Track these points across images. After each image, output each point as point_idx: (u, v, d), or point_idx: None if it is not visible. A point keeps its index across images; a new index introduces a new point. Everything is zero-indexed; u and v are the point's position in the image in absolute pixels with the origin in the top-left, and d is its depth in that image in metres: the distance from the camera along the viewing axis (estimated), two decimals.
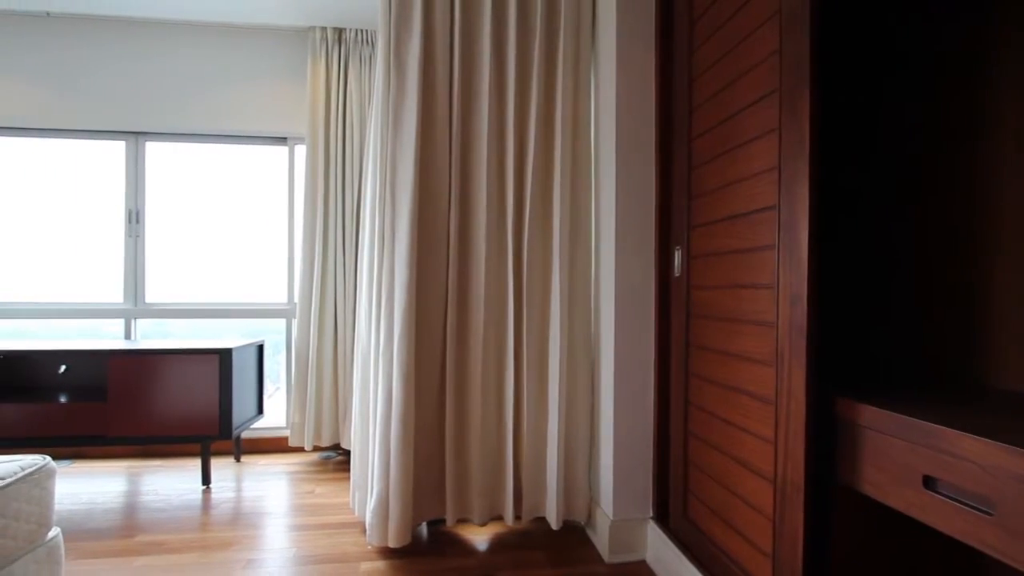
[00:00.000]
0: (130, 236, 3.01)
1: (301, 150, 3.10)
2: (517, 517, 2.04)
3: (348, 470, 2.78)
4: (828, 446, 1.09)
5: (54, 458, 2.92)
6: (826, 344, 1.46)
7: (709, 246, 1.53)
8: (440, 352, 1.97)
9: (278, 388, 3.45)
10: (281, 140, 3.09)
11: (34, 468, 1.32)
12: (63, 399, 2.57)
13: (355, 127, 2.86)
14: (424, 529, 2.10)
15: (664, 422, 1.82)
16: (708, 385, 1.52)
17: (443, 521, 2.12)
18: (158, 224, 3.07)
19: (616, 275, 1.85)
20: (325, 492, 2.50)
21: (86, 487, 2.55)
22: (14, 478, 1.26)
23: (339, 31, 2.88)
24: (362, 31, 2.88)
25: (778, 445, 1.18)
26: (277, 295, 3.14)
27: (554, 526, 1.97)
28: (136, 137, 3.02)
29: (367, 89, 2.87)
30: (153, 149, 3.05)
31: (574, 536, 2.06)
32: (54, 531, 1.40)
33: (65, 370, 2.83)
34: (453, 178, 1.95)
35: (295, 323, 3.02)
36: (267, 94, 3.00)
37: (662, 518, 1.83)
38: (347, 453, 3.00)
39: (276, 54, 3.00)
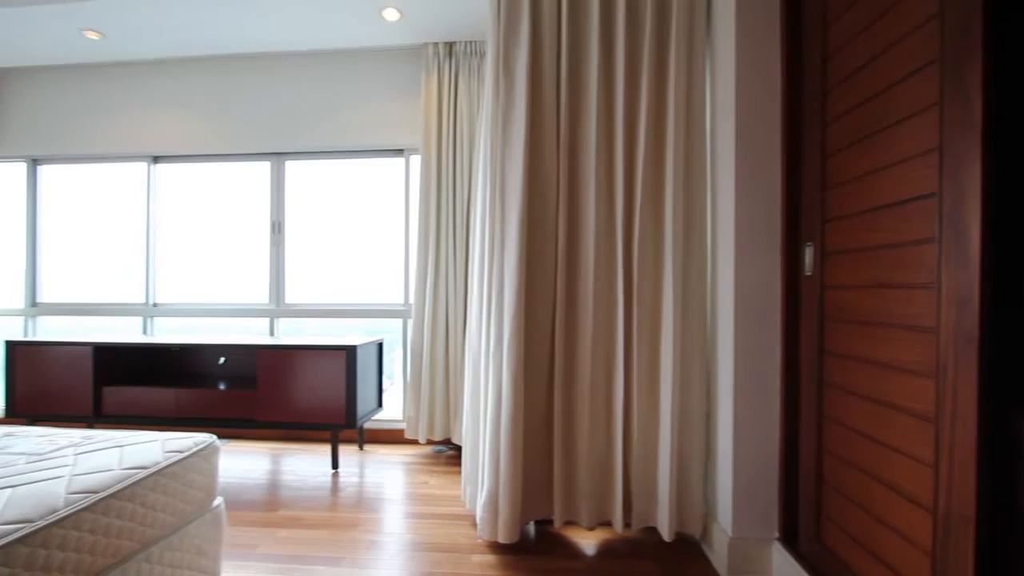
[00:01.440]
0: (273, 245, 3.41)
1: (416, 160, 3.29)
2: (626, 524, 1.99)
3: (459, 464, 2.89)
4: (1005, 474, 0.93)
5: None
6: (1001, 354, 1.24)
7: (848, 241, 1.37)
8: (548, 354, 1.98)
9: (392, 383, 3.69)
10: (398, 152, 3.31)
11: (204, 445, 1.54)
12: (222, 386, 2.97)
13: (465, 136, 2.98)
14: (532, 528, 2.12)
15: (792, 435, 1.66)
16: (848, 397, 1.37)
17: (551, 521, 2.12)
18: (295, 233, 3.44)
19: (736, 275, 1.72)
20: (437, 484, 2.62)
21: (239, 464, 2.92)
22: (189, 452, 1.48)
23: (449, 45, 3.03)
24: (471, 43, 3.00)
25: (940, 470, 1.02)
26: (394, 297, 3.37)
27: (666, 537, 1.88)
28: (278, 157, 3.41)
29: (476, 99, 2.98)
30: (291, 167, 3.43)
31: (688, 550, 1.95)
32: (218, 500, 1.62)
33: (224, 361, 3.27)
34: (561, 181, 1.95)
35: (410, 323, 3.22)
36: (385, 110, 3.23)
37: (789, 540, 1.67)
38: (457, 448, 3.13)
39: (393, 72, 3.22)
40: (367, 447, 3.21)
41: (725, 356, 1.80)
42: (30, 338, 2.99)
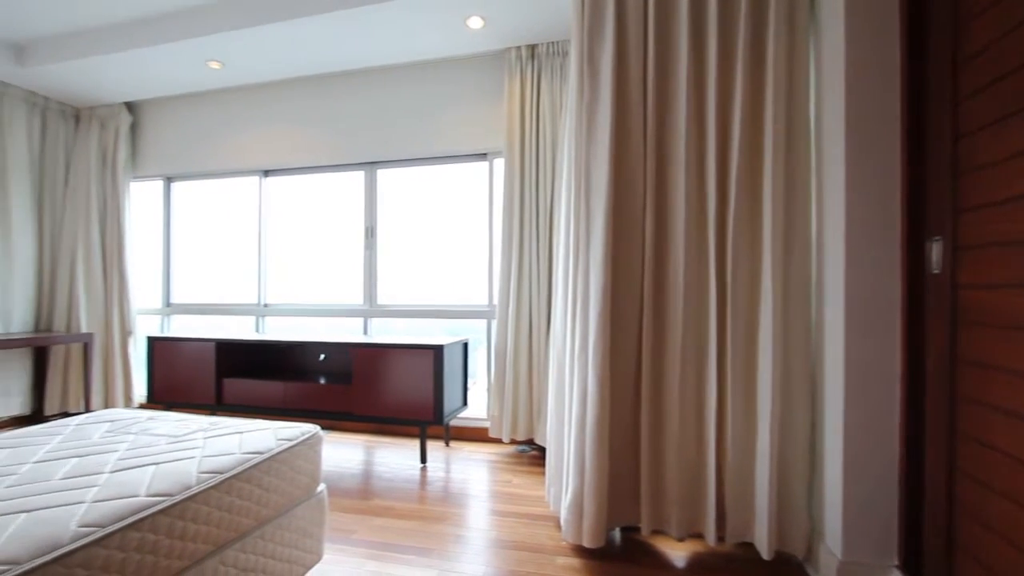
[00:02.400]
0: (367, 249, 3.62)
1: (499, 163, 3.35)
2: (720, 538, 1.88)
3: (542, 464, 2.90)
4: None
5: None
6: None
7: (988, 234, 1.20)
8: (635, 356, 1.93)
9: (474, 383, 3.76)
10: (482, 156, 3.39)
11: (309, 435, 1.66)
12: (322, 381, 3.19)
13: (547, 137, 2.99)
14: (617, 534, 2.07)
15: (916, 452, 1.49)
16: (992, 413, 1.20)
17: (638, 529, 2.06)
18: (387, 237, 3.63)
19: (847, 274, 1.58)
20: (521, 483, 2.64)
21: (337, 454, 3.12)
22: (297, 441, 1.61)
23: (532, 47, 3.05)
24: (553, 44, 3.00)
25: None
26: (479, 298, 3.44)
27: (765, 555, 1.76)
28: (371, 166, 3.62)
29: (559, 100, 2.97)
30: (383, 175, 3.62)
31: (789, 571, 1.81)
32: (321, 486, 1.75)
33: (324, 358, 3.52)
34: (648, 179, 1.89)
35: (494, 324, 3.27)
36: (469, 116, 3.32)
37: (912, 569, 1.50)
38: (541, 449, 3.13)
39: (476, 79, 3.30)
40: (452, 444, 3.31)
41: (833, 360, 1.65)
42: (165, 334, 3.41)
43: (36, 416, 3.91)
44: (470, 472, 2.81)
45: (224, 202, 4.08)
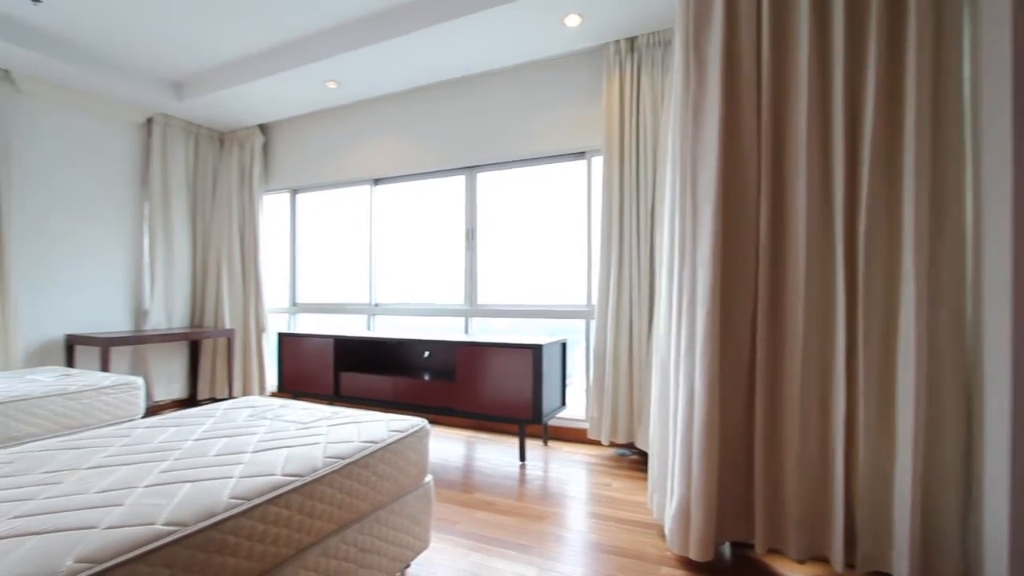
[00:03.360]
0: (468, 250, 3.75)
1: (597, 161, 3.30)
2: (849, 565, 1.70)
3: (643, 469, 2.81)
4: None
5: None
6: None
7: None
8: (748, 359, 1.80)
9: (571, 383, 3.73)
10: (580, 155, 3.37)
11: (418, 428, 1.76)
12: (426, 377, 3.36)
13: (648, 132, 2.89)
14: (727, 549, 1.95)
15: None
16: None
17: (751, 545, 1.92)
18: (486, 239, 3.73)
19: (1016, 267, 1.35)
20: (621, 488, 2.58)
21: (440, 447, 3.26)
22: (407, 433, 1.70)
23: (631, 40, 2.97)
24: (654, 34, 2.90)
25: None
26: (577, 297, 3.42)
27: None
28: (471, 171, 3.74)
29: (660, 92, 2.86)
30: (482, 178, 3.73)
31: None
32: (428, 477, 1.83)
33: (428, 355, 3.70)
34: (763, 172, 1.76)
35: (593, 324, 3.23)
36: (566, 115, 3.31)
37: None
38: (641, 453, 3.04)
39: (573, 77, 3.29)
40: (551, 443, 3.32)
41: (997, 367, 1.42)
42: (292, 331, 3.79)
43: (191, 400, 4.54)
44: (568, 473, 2.80)
45: (340, 210, 4.44)
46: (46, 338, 3.67)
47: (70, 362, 3.74)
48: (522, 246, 3.66)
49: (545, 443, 3.29)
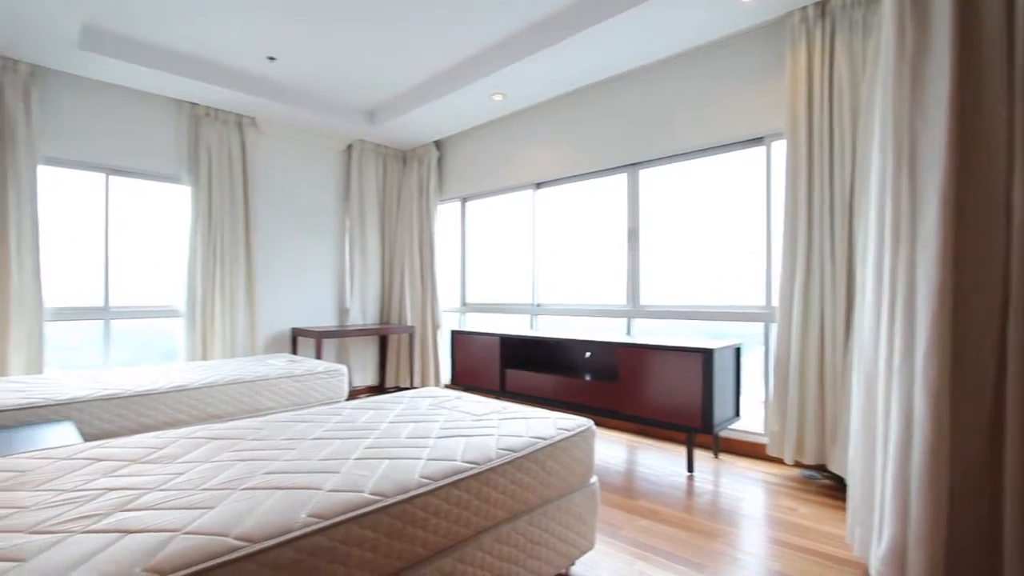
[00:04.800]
0: (630, 251, 3.66)
1: (778, 147, 2.97)
2: None
3: (837, 497, 2.44)
4: None
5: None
6: None
7: None
8: (993, 372, 1.45)
9: (746, 392, 3.40)
10: (756, 140, 3.06)
11: (584, 428, 1.76)
12: (588, 377, 3.36)
13: (844, 107, 2.50)
14: None
15: None
16: None
17: None
18: (649, 238, 3.60)
19: None
20: (809, 514, 2.27)
21: (601, 449, 3.23)
22: (574, 432, 1.72)
23: (821, 5, 2.60)
24: None
25: None
26: (753, 299, 3.11)
27: None
28: (633, 168, 3.65)
29: (861, 59, 2.46)
30: (645, 175, 3.61)
31: None
32: (594, 478, 1.83)
33: (589, 356, 3.70)
34: (1018, 138, 1.39)
35: (773, 328, 2.91)
36: (738, 99, 3.03)
37: None
38: (835, 477, 2.64)
39: (745, 57, 3.00)
40: (722, 456, 3.07)
41: None
42: (463, 329, 4.11)
43: (380, 387, 5.19)
44: (744, 490, 2.56)
45: (504, 215, 4.68)
46: (278, 331, 4.52)
47: (294, 350, 4.55)
48: (689, 244, 3.45)
49: (716, 455, 3.05)
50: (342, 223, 4.98)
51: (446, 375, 4.96)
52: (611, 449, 3.24)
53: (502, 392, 3.73)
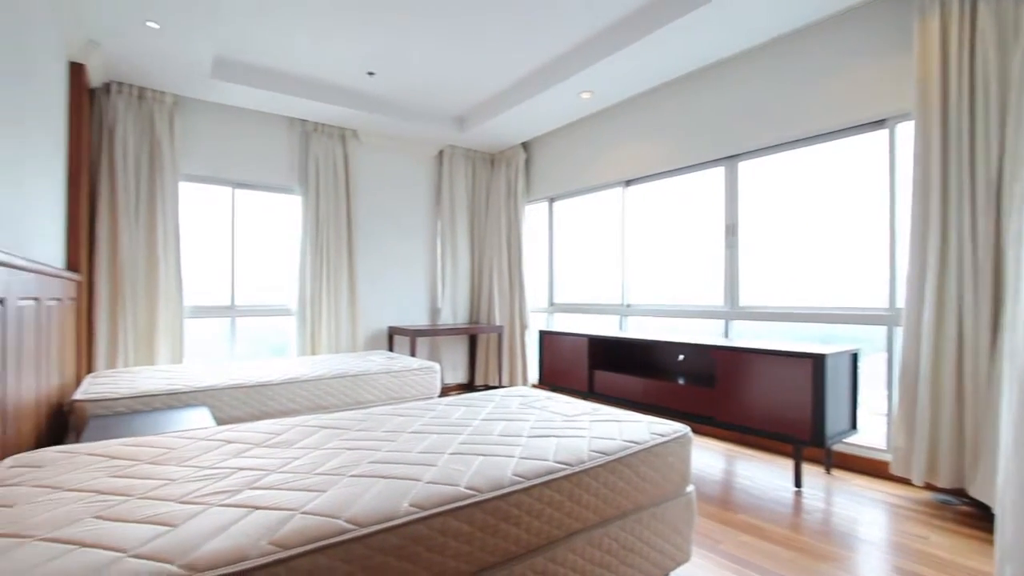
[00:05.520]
0: (728, 247, 3.46)
1: (904, 129, 2.66)
2: None
3: (980, 527, 2.13)
4: None
5: None
6: None
7: None
8: None
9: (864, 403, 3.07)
10: (877, 124, 2.76)
11: (680, 434, 1.69)
12: (680, 381, 3.21)
13: (991, 78, 2.17)
14: None
15: None
16: None
17: None
18: (750, 233, 3.38)
19: None
20: (944, 544, 2.01)
21: (696, 458, 3.07)
22: (669, 437, 1.65)
23: None
24: None
25: None
26: (872, 300, 2.81)
27: None
28: (730, 160, 3.44)
29: (1011, 28, 2.13)
30: (744, 167, 3.39)
31: None
32: (690, 487, 1.74)
33: (682, 359, 3.54)
34: None
35: (898, 332, 2.61)
36: (856, 79, 2.75)
37: None
38: (978, 505, 2.31)
39: (863, 31, 2.71)
40: (835, 472, 2.80)
41: None
42: (550, 329, 4.11)
43: (470, 384, 5.33)
44: (862, 512, 2.31)
45: (592, 214, 4.62)
46: (376, 329, 4.81)
47: (391, 347, 4.81)
48: (795, 241, 3.19)
49: (827, 471, 2.79)
50: (434, 226, 5.19)
51: (533, 375, 4.99)
52: (707, 458, 3.07)
53: (590, 393, 3.68)
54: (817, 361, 2.43)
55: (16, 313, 1.67)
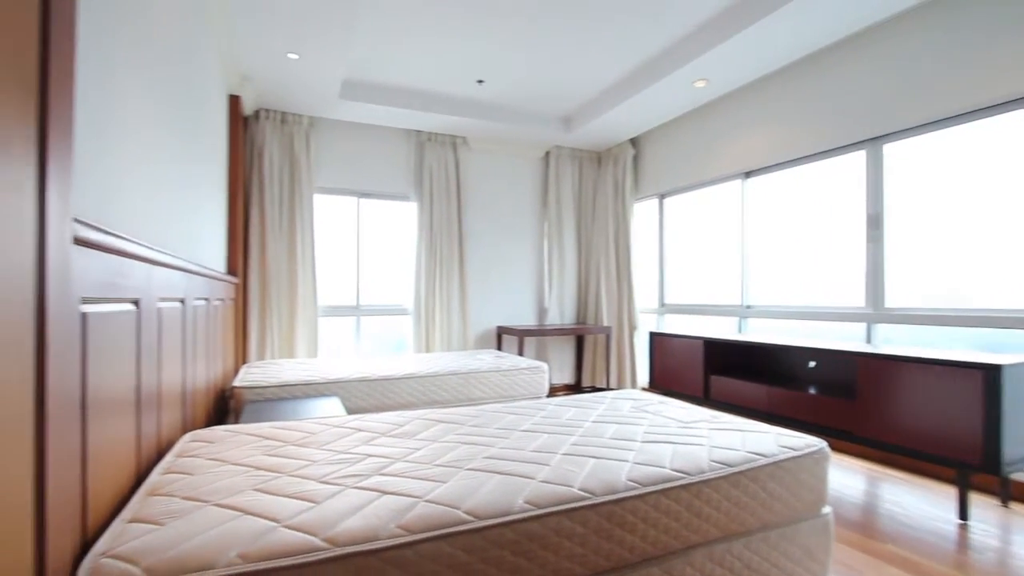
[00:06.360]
0: (871, 241, 3.06)
1: None
2: None
3: None
4: None
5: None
6: None
7: None
8: None
9: None
10: None
11: (815, 448, 1.53)
12: (812, 391, 2.91)
13: None
14: None
15: None
16: None
17: None
18: (898, 225, 2.97)
19: None
20: None
21: (832, 476, 2.76)
22: (801, 452, 1.50)
23: None
24: None
25: None
26: None
27: None
28: (873, 143, 3.05)
29: None
30: (890, 150, 2.99)
31: None
32: (827, 508, 1.57)
33: (814, 365, 3.21)
34: None
35: None
36: None
37: None
38: None
39: None
40: (1013, 506, 2.36)
41: None
42: (661, 330, 3.95)
43: (577, 386, 5.30)
44: None
45: (707, 210, 4.36)
46: (485, 328, 4.96)
47: (499, 346, 4.94)
48: (958, 232, 2.74)
49: (1004, 503, 2.36)
50: (541, 227, 5.24)
51: (642, 378, 4.83)
52: (844, 477, 2.75)
53: (705, 399, 3.47)
54: (991, 373, 2.06)
55: (192, 312, 1.97)
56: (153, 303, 1.42)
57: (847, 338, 3.19)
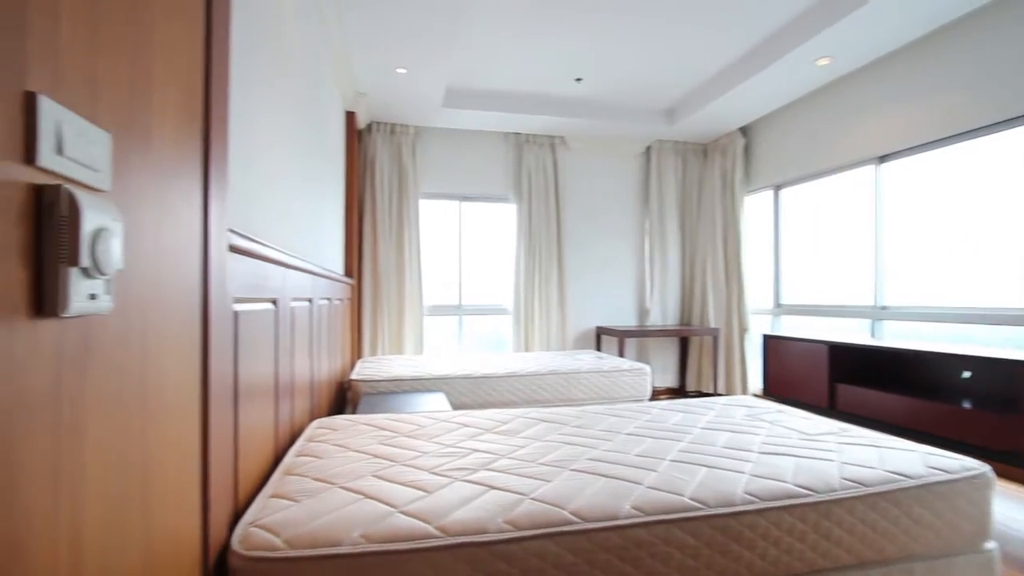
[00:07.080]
0: None
1: None
2: None
3: None
4: None
5: None
6: None
7: None
8: None
9: None
10: None
11: (975, 473, 1.32)
12: (966, 405, 2.52)
13: None
14: None
15: None
16: None
17: None
18: None
19: None
20: None
21: (997, 507, 2.37)
22: (956, 476, 1.30)
23: None
24: None
25: None
26: None
27: None
28: None
29: None
30: None
31: None
32: (991, 544, 1.35)
33: (968, 376, 2.78)
34: None
35: None
36: None
37: None
38: None
39: None
40: None
41: None
42: (777, 333, 3.64)
43: (680, 389, 5.06)
44: None
45: (831, 200, 3.95)
46: (584, 328, 4.91)
47: (598, 347, 4.87)
48: None
49: None
50: (642, 225, 5.08)
51: (754, 383, 4.49)
52: (1011, 508, 2.35)
53: (830, 409, 3.15)
54: None
55: (317, 310, 2.17)
56: (287, 302, 1.59)
57: (1000, 344, 2.72)
